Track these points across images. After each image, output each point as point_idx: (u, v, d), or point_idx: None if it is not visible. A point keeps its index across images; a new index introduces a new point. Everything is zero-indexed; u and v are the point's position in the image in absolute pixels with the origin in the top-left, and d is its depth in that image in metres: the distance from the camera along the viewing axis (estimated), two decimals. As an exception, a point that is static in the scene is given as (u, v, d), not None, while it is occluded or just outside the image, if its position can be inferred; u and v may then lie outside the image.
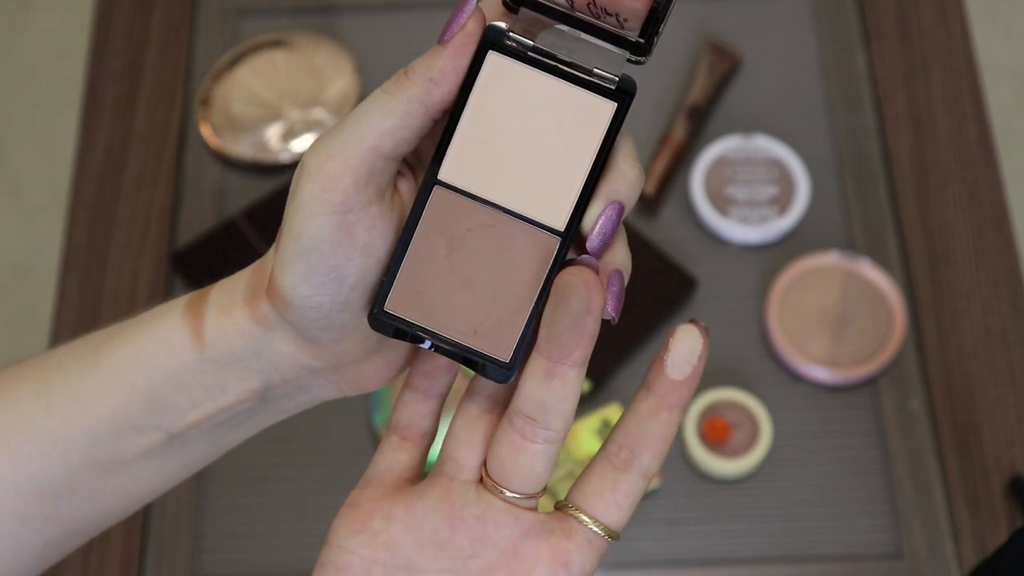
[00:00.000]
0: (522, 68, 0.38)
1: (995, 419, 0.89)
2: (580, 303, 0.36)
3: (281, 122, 1.02)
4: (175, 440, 0.42)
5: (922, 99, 1.02)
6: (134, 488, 0.44)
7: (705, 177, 0.98)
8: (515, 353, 0.39)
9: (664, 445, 0.38)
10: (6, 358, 1.58)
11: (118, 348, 0.42)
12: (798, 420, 0.90)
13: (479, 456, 0.39)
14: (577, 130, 0.38)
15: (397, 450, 0.41)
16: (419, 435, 0.41)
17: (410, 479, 0.41)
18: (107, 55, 1.06)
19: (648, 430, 0.38)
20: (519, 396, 0.37)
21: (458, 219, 0.39)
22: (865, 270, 0.94)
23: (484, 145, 0.38)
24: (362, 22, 1.07)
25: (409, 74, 0.38)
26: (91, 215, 0.98)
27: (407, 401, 0.41)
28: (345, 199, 0.37)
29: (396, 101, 0.38)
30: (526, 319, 0.38)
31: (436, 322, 0.39)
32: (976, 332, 0.92)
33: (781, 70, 1.04)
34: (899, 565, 0.85)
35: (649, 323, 0.92)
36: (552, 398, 0.37)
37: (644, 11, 0.38)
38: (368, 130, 0.38)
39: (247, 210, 0.97)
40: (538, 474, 0.38)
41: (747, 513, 0.87)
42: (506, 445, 0.38)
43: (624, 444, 0.38)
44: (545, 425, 0.37)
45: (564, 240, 0.38)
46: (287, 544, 0.86)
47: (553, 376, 0.36)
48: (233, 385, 0.41)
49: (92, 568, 0.85)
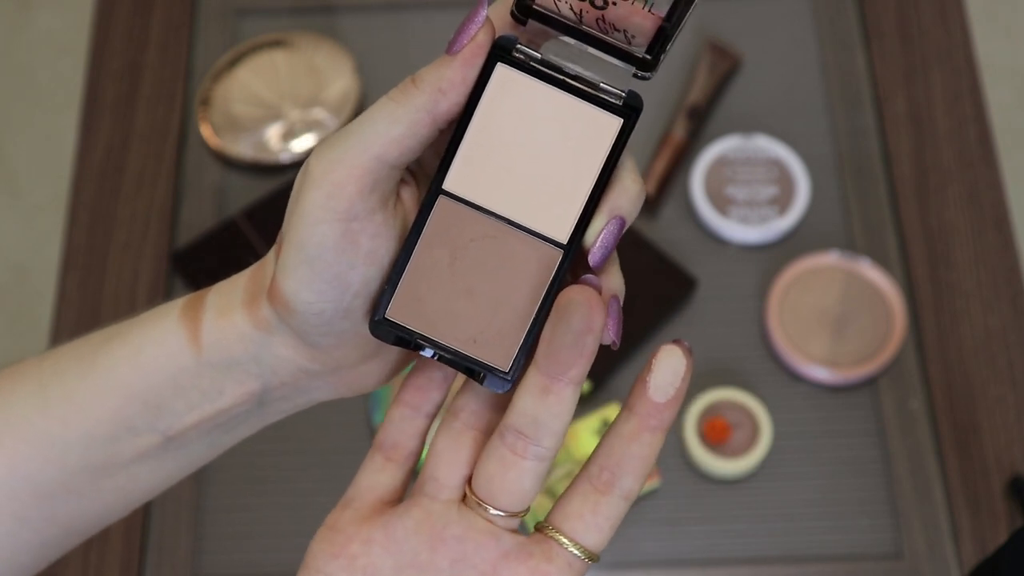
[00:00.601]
0: (530, 80, 0.39)
1: (995, 419, 0.89)
2: (581, 321, 0.36)
3: (281, 122, 1.02)
4: (172, 442, 0.42)
5: (922, 99, 1.02)
6: (132, 488, 0.44)
7: (705, 177, 0.98)
8: (515, 363, 0.39)
9: (646, 467, 0.38)
10: (6, 358, 1.58)
11: (115, 350, 0.42)
12: (798, 420, 0.90)
13: (460, 476, 0.39)
14: (582, 144, 0.39)
15: (380, 471, 0.41)
16: (404, 456, 0.41)
17: (391, 501, 0.40)
18: (107, 55, 1.06)
19: (630, 452, 0.37)
20: (512, 411, 0.37)
21: (461, 229, 0.39)
22: (865, 270, 0.94)
23: (489, 156, 0.39)
24: (362, 22, 1.07)
25: (417, 83, 0.38)
26: (91, 215, 0.98)
27: (396, 419, 0.41)
28: (350, 207, 0.37)
29: (403, 109, 0.38)
30: (526, 330, 0.39)
31: (437, 330, 0.39)
32: (976, 332, 0.92)
33: (781, 70, 1.04)
34: (899, 565, 0.85)
35: (649, 323, 0.92)
36: (546, 414, 0.37)
37: (652, 29, 0.38)
38: (374, 138, 0.37)
39: (247, 210, 0.97)
40: (525, 491, 0.38)
41: (747, 513, 0.87)
42: (495, 460, 0.37)
43: (605, 466, 0.38)
44: (536, 441, 0.37)
45: (566, 253, 0.39)
46: (287, 544, 0.86)
47: (549, 392, 0.36)
48: (231, 388, 0.41)
49: (92, 568, 0.85)
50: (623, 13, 0.37)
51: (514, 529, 0.38)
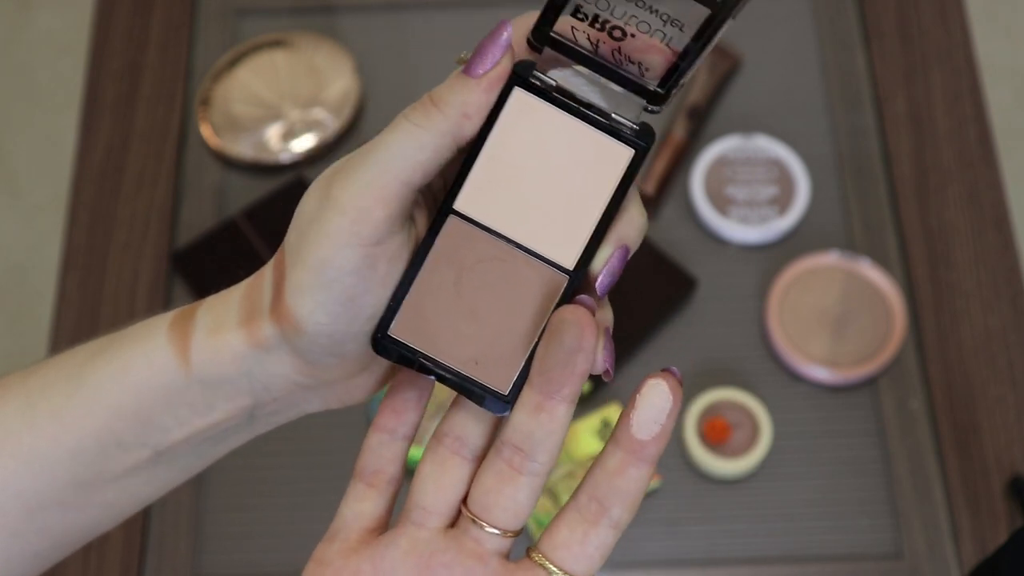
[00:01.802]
0: (544, 106, 0.39)
1: (995, 419, 0.89)
2: (573, 340, 0.36)
3: (281, 122, 1.02)
4: (162, 456, 0.42)
5: (922, 99, 1.02)
6: (122, 500, 0.44)
7: (705, 177, 0.98)
8: (514, 386, 0.39)
9: (635, 500, 0.38)
10: (6, 358, 1.58)
11: (101, 368, 0.42)
12: (798, 420, 0.90)
13: (447, 502, 0.38)
14: (593, 172, 0.39)
15: (363, 499, 0.40)
16: (385, 481, 0.41)
17: (376, 529, 0.40)
18: (107, 55, 1.06)
19: (616, 486, 0.37)
20: (508, 426, 0.37)
21: (469, 249, 0.39)
22: (865, 270, 0.94)
23: (501, 178, 0.39)
24: (362, 22, 1.07)
25: (440, 106, 0.38)
26: (91, 215, 0.98)
27: (374, 446, 0.41)
28: (375, 232, 0.37)
29: (429, 135, 0.37)
30: (527, 354, 0.39)
31: (438, 350, 0.39)
32: (976, 332, 0.92)
33: (781, 70, 1.04)
34: (899, 565, 0.85)
35: (649, 323, 0.92)
36: (539, 431, 0.37)
37: (666, 65, 0.38)
38: (401, 164, 0.37)
39: (247, 210, 0.97)
40: (520, 506, 0.37)
41: (747, 513, 0.87)
42: (492, 474, 0.37)
43: (594, 496, 0.37)
44: (532, 457, 0.37)
45: (572, 279, 0.39)
46: (287, 544, 0.86)
47: (542, 410, 0.37)
48: (221, 404, 0.41)
49: (92, 568, 0.85)
50: (640, 46, 0.38)
51: (504, 554, 0.38)
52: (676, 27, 0.37)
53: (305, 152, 1.00)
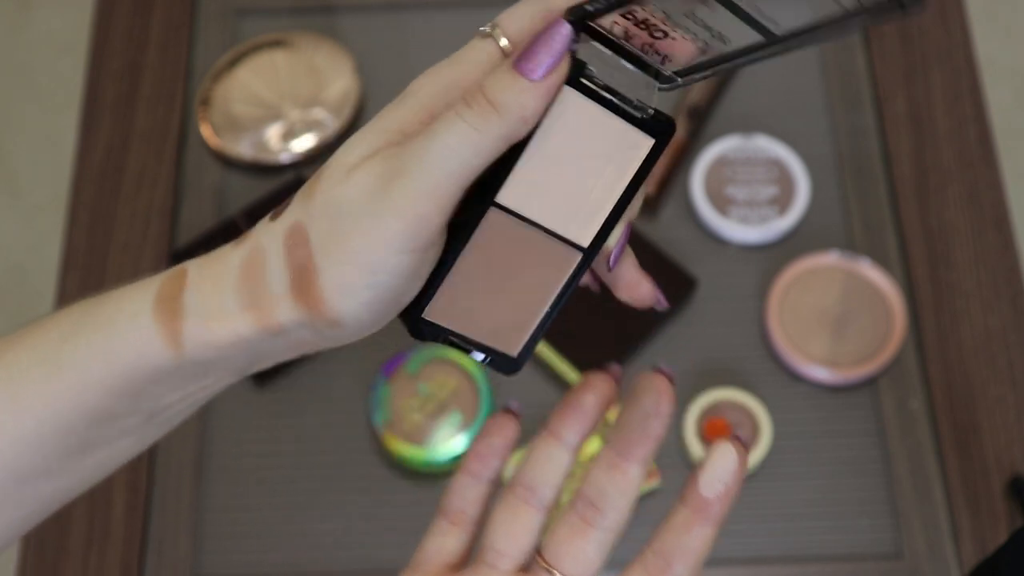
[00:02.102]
0: (583, 100, 0.39)
1: (995, 419, 0.89)
2: (651, 405, 0.40)
3: (281, 122, 1.02)
4: (156, 417, 0.43)
5: (922, 99, 1.02)
6: (113, 458, 0.44)
7: (705, 177, 0.98)
8: (523, 350, 0.42)
9: (699, 558, 0.40)
10: (6, 358, 1.58)
11: (82, 349, 0.41)
12: (798, 420, 0.90)
13: (519, 547, 0.40)
14: (616, 159, 0.41)
15: (445, 535, 0.42)
16: (467, 521, 0.43)
17: (455, 564, 0.42)
18: (107, 55, 1.06)
19: (681, 544, 0.40)
20: (586, 482, 0.40)
21: (505, 238, 0.40)
22: (865, 270, 0.94)
23: (539, 171, 0.40)
24: (362, 22, 1.07)
25: (499, 109, 0.37)
26: (91, 215, 0.98)
27: (459, 488, 0.43)
28: (430, 236, 0.37)
29: (487, 140, 0.37)
30: (538, 322, 0.42)
31: (465, 326, 0.42)
32: (976, 332, 0.92)
33: (781, 70, 1.04)
34: (899, 565, 0.85)
35: (649, 323, 0.92)
36: (612, 489, 0.40)
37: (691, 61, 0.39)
38: (459, 169, 0.37)
39: (247, 210, 0.97)
40: (588, 559, 0.40)
41: (747, 513, 0.87)
42: (566, 527, 0.40)
43: (659, 552, 0.40)
44: (604, 513, 0.39)
45: (586, 256, 0.42)
46: (287, 544, 0.86)
47: (616, 468, 0.40)
48: (215, 374, 0.41)
49: (92, 568, 0.85)
50: (676, 47, 0.38)
51: None
52: (720, 39, 0.37)
53: (305, 152, 1.00)
